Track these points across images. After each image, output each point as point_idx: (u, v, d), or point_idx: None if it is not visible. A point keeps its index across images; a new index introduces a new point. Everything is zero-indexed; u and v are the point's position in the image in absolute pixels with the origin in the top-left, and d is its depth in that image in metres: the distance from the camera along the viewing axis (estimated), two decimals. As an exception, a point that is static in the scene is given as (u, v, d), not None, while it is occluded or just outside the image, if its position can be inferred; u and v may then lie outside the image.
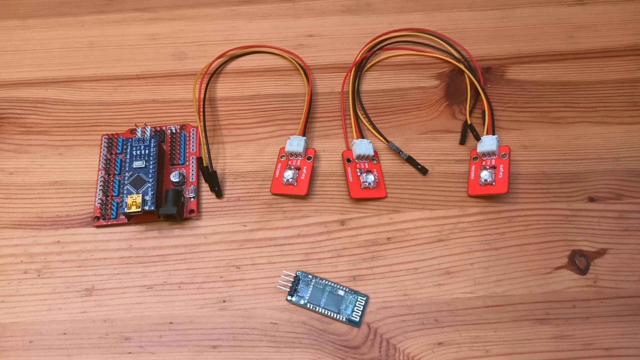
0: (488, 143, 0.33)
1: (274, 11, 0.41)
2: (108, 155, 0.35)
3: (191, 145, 0.35)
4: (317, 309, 0.30)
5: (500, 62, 0.39)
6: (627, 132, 0.36)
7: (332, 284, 0.31)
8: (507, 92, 0.37)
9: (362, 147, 0.34)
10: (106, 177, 0.34)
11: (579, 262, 0.31)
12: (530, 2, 0.41)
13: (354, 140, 0.34)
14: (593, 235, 0.32)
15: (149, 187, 0.32)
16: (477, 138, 0.34)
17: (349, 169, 0.34)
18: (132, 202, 0.31)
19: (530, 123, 0.36)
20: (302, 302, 0.30)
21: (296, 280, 0.31)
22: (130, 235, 0.32)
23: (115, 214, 0.33)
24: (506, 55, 0.39)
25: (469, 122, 0.35)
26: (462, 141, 0.35)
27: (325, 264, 0.31)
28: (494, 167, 0.33)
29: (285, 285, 0.31)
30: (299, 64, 0.38)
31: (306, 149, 0.34)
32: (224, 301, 0.30)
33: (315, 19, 0.41)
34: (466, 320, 0.30)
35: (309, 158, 0.34)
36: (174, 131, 0.36)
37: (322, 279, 0.31)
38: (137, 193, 0.32)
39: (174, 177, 0.33)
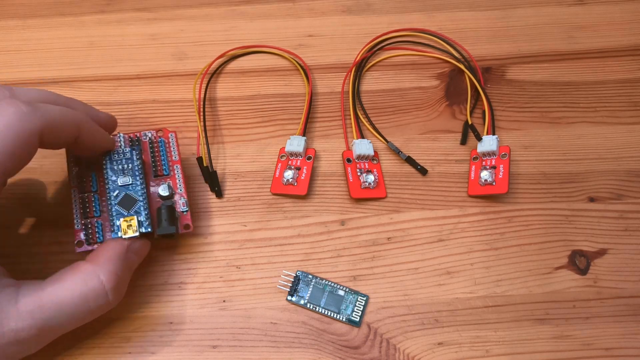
0: (488, 143, 0.33)
1: (274, 11, 0.41)
2: (78, 169, 0.30)
3: (173, 153, 0.32)
4: (317, 309, 0.30)
5: (500, 62, 0.39)
6: (627, 132, 0.36)
7: (332, 284, 0.31)
8: (507, 92, 0.37)
9: (362, 147, 0.34)
10: (82, 195, 0.30)
11: (579, 262, 0.31)
12: (530, 2, 0.41)
13: (354, 140, 0.34)
14: (593, 235, 0.32)
15: (140, 205, 0.29)
16: (479, 138, 0.34)
17: (349, 169, 0.34)
18: (128, 225, 0.28)
19: (530, 123, 0.36)
20: (302, 302, 0.30)
21: (296, 280, 0.31)
22: None
23: (101, 237, 0.29)
24: (506, 55, 0.39)
25: (470, 123, 0.35)
26: (463, 141, 0.35)
27: (325, 264, 0.31)
28: (494, 167, 0.33)
29: (285, 285, 0.31)
30: (299, 64, 0.38)
31: (306, 149, 0.34)
32: (224, 301, 0.30)
33: (315, 19, 0.41)
34: (466, 320, 0.30)
35: (309, 158, 0.34)
36: (151, 137, 0.32)
37: (322, 279, 0.31)
38: (130, 215, 0.29)
39: (163, 191, 0.30)
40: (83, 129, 0.27)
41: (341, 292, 0.30)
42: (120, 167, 0.30)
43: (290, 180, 0.33)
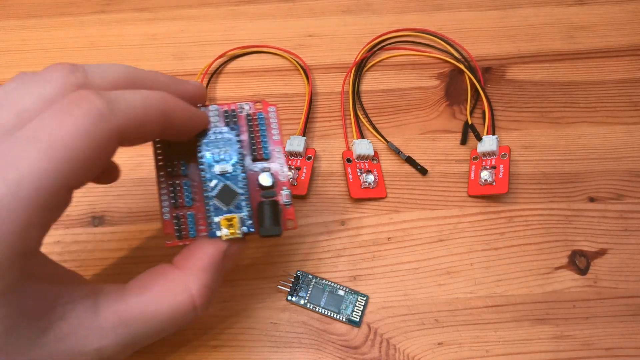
0: (488, 143, 0.33)
1: (274, 11, 0.41)
2: (164, 151, 0.25)
3: (274, 131, 0.26)
4: (317, 309, 0.30)
5: (500, 62, 0.39)
6: (627, 132, 0.36)
7: (332, 284, 0.31)
8: (507, 92, 0.37)
9: (362, 147, 0.34)
10: (171, 182, 0.25)
11: (579, 262, 0.31)
12: (530, 2, 0.41)
13: (354, 140, 0.34)
14: (593, 235, 0.32)
15: (241, 200, 0.24)
16: (479, 138, 0.34)
17: (349, 169, 0.34)
18: (228, 225, 0.23)
19: (530, 123, 0.36)
20: (302, 302, 0.30)
21: (296, 280, 0.31)
22: (130, 235, 0.32)
23: (194, 232, 0.25)
24: (506, 55, 0.39)
25: (470, 123, 0.35)
26: (464, 141, 0.35)
27: (325, 264, 0.31)
28: (494, 167, 0.33)
29: (285, 285, 0.31)
30: (299, 64, 0.38)
31: (306, 149, 0.34)
32: (224, 301, 0.30)
33: (315, 19, 0.41)
34: (466, 320, 0.30)
35: (309, 158, 0.34)
36: (248, 112, 0.26)
37: (322, 279, 0.31)
38: (231, 212, 0.24)
39: (264, 180, 0.25)
40: (171, 116, 0.22)
41: (341, 292, 0.30)
42: (217, 150, 0.25)
43: (291, 180, 0.33)
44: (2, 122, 0.19)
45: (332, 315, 0.30)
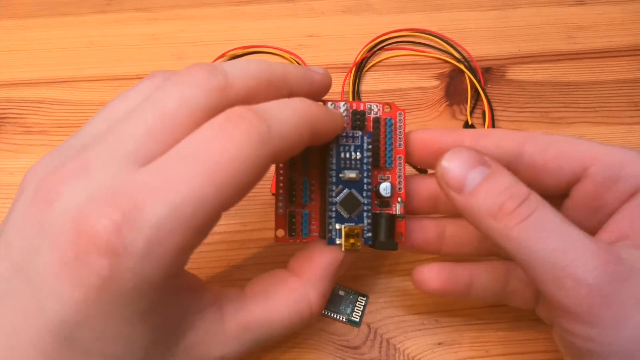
0: (488, 143, 0.33)
1: (274, 11, 0.41)
2: None
3: (398, 138, 0.25)
4: (317, 309, 0.30)
5: (501, 62, 0.39)
6: (627, 132, 0.36)
7: (332, 284, 0.31)
8: (507, 92, 0.37)
9: (362, 147, 0.34)
10: (291, 175, 0.24)
11: (579, 262, 0.31)
12: (530, 2, 0.41)
13: (354, 140, 0.34)
14: (593, 235, 0.32)
15: (363, 211, 0.23)
16: (477, 138, 0.34)
17: (349, 169, 0.34)
18: (350, 235, 0.22)
19: (530, 123, 0.36)
20: (302, 302, 0.30)
21: (296, 280, 0.31)
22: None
23: (307, 232, 0.24)
24: (506, 55, 0.39)
25: (470, 123, 0.35)
26: (462, 141, 0.35)
27: (325, 264, 0.31)
28: (494, 167, 0.33)
29: (285, 285, 0.31)
30: (299, 64, 0.38)
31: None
32: (224, 301, 0.30)
33: (315, 19, 0.41)
34: (466, 320, 0.30)
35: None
36: (377, 114, 0.25)
37: (322, 279, 0.31)
38: (352, 222, 0.23)
39: (385, 191, 0.24)
40: (317, 128, 0.21)
41: (341, 292, 0.30)
42: (347, 155, 0.23)
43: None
44: (148, 124, 0.18)
45: (332, 315, 0.30)
